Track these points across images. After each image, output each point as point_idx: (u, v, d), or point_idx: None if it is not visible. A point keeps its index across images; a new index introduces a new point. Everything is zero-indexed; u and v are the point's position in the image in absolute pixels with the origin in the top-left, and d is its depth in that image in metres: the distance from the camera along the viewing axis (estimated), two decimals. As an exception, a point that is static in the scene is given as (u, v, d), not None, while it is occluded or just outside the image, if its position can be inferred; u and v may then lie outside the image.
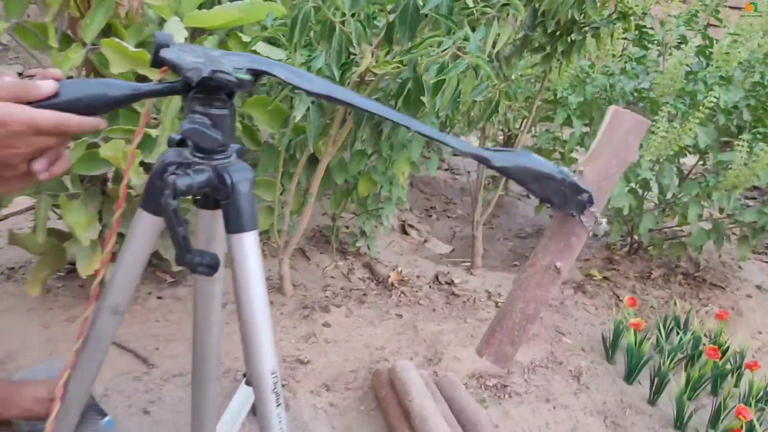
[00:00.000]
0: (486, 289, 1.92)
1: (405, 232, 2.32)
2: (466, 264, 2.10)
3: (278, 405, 0.83)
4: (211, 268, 0.78)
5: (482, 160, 0.80)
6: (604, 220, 0.88)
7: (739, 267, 2.26)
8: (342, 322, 1.65)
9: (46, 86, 0.68)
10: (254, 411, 1.29)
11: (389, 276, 1.87)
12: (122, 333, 1.45)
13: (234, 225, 0.77)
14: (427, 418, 1.24)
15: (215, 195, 0.77)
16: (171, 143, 0.80)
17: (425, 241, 2.32)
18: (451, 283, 1.93)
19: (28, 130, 0.67)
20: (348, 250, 1.98)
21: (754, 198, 2.71)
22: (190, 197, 0.77)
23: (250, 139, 1.57)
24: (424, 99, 1.13)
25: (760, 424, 1.38)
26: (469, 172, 2.85)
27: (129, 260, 0.81)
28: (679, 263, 2.20)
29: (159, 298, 1.61)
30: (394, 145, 1.67)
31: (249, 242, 0.78)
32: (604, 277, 2.09)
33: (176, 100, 1.36)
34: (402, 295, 1.81)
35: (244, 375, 1.34)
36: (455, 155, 3.01)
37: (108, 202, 1.46)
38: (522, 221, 2.59)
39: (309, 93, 0.74)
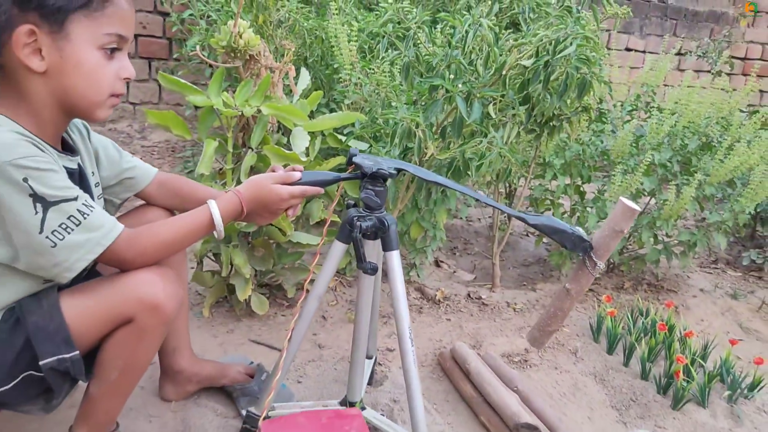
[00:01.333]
0: (505, 300, 2.54)
1: (438, 266, 2.95)
2: (488, 285, 2.73)
3: (412, 345, 1.45)
4: (374, 270, 1.42)
5: (522, 219, 1.36)
6: (602, 265, 1.35)
7: (688, 277, 2.90)
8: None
9: (297, 175, 1.35)
10: (369, 380, 1.88)
11: (436, 294, 2.50)
12: (267, 338, 2.05)
13: (388, 246, 1.42)
14: (482, 373, 1.84)
15: (377, 232, 1.42)
16: (349, 206, 1.46)
17: (454, 271, 2.94)
18: (479, 297, 2.55)
19: (290, 198, 1.33)
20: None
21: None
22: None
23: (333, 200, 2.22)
24: (470, 173, 1.80)
25: (696, 371, 1.99)
26: (479, 219, 3.51)
27: (328, 268, 1.44)
28: (644, 276, 2.83)
29: (283, 315, 2.22)
30: (437, 200, 2.33)
31: (395, 255, 1.42)
32: (590, 290, 2.71)
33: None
34: (447, 306, 2.44)
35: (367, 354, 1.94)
36: (468, 205, 3.66)
37: (250, 249, 2.09)
38: (525, 254, 3.23)
39: (426, 180, 1.40)
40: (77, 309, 1.13)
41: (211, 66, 2.77)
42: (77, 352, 1.12)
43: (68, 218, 1.05)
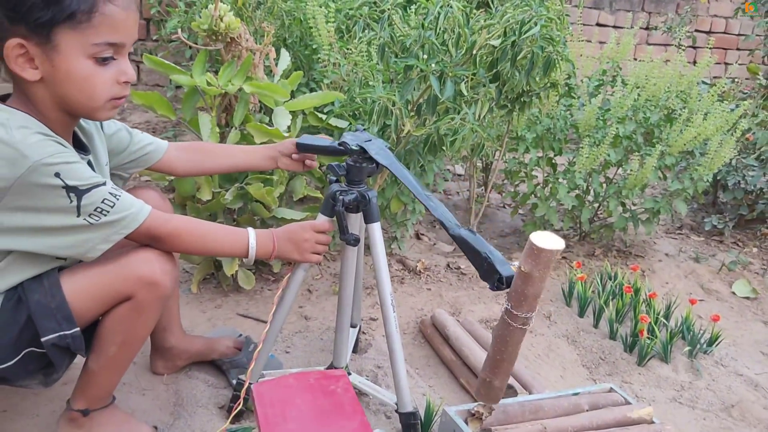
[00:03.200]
0: (482, 270, 2.62)
1: (419, 238, 3.01)
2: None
3: (393, 312, 1.51)
4: (356, 241, 1.46)
5: (443, 226, 1.19)
6: (528, 314, 1.12)
7: (654, 243, 3.00)
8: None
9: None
10: (354, 348, 1.94)
11: (417, 266, 2.56)
12: (254, 312, 2.09)
13: (369, 218, 1.46)
14: (460, 338, 1.91)
15: (359, 205, 1.46)
16: (331, 181, 1.50)
17: (434, 243, 3.01)
18: (458, 268, 2.62)
19: (315, 231, 1.42)
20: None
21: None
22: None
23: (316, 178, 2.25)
24: (444, 148, 1.84)
25: (659, 329, 2.09)
26: (458, 193, 3.57)
27: (314, 242, 1.48)
28: (614, 243, 2.92)
29: (269, 290, 2.26)
30: (415, 175, 2.38)
31: (376, 227, 1.46)
32: (563, 257, 2.80)
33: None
34: (428, 276, 2.50)
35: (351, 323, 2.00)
36: (445, 179, 3.72)
37: (236, 226, 2.12)
38: (502, 225, 3.30)
39: (378, 163, 1.43)
40: (78, 287, 1.17)
41: (191, 48, 2.76)
42: (78, 328, 1.15)
43: (102, 201, 1.11)
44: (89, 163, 1.25)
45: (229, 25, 1.88)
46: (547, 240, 1.07)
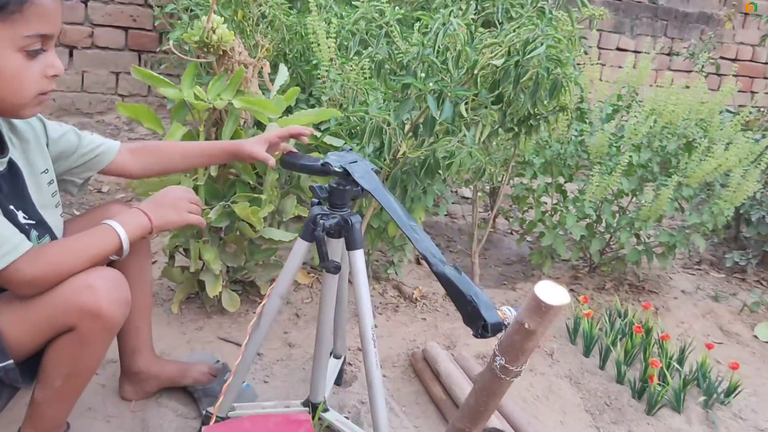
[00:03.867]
0: (483, 300, 2.50)
1: (419, 263, 2.91)
2: (468, 285, 2.68)
3: (374, 347, 1.41)
4: (337, 268, 1.38)
5: (426, 261, 1.10)
6: (515, 367, 1.01)
7: (670, 278, 2.86)
8: (384, 324, 2.22)
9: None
10: (337, 380, 1.84)
11: (413, 293, 2.45)
12: (236, 336, 2.00)
13: (351, 245, 1.37)
14: (451, 375, 1.80)
15: (341, 230, 1.37)
16: (313, 204, 1.41)
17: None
18: (457, 297, 2.51)
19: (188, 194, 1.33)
20: (381, 277, 2.56)
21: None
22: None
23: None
24: (440, 171, 1.75)
25: (671, 374, 1.95)
26: (464, 216, 3.46)
27: (291, 266, 1.40)
28: (626, 277, 2.79)
29: (254, 313, 2.17)
30: (414, 198, 2.28)
31: (359, 254, 1.37)
32: (570, 290, 2.67)
33: (271, 177, 1.97)
34: (424, 305, 2.39)
35: (330, 353, 1.90)
36: (455, 203, 3.62)
37: (222, 245, 2.04)
38: (507, 252, 3.18)
39: (363, 188, 1.33)
40: (13, 317, 1.09)
41: (184, 60, 2.72)
42: (10, 361, 1.08)
43: None
44: (9, 164, 1.17)
45: (221, 37, 1.81)
46: (552, 293, 0.97)
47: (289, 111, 2.01)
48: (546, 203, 2.75)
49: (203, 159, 1.56)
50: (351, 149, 1.41)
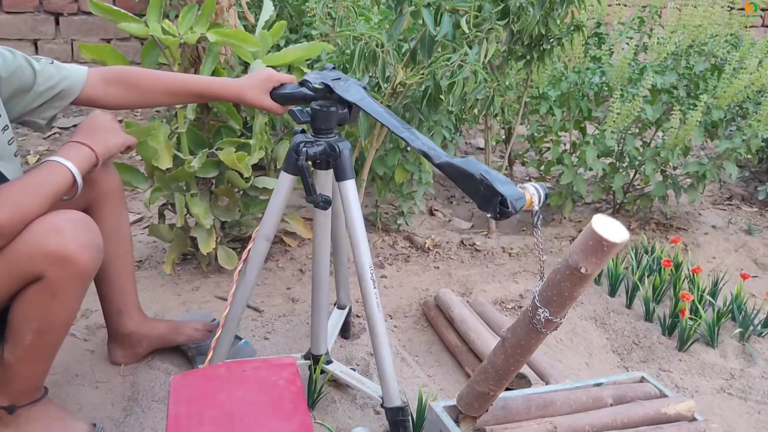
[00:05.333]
0: (501, 246, 2.35)
1: (432, 214, 2.76)
2: (483, 232, 2.53)
3: (374, 288, 1.27)
4: (327, 203, 1.23)
5: (426, 157, 1.01)
6: (556, 318, 0.89)
7: (699, 214, 2.67)
8: (395, 275, 2.09)
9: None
10: (342, 330, 1.72)
11: (425, 242, 2.31)
12: (237, 293, 1.89)
13: (341, 175, 1.23)
14: (466, 320, 1.67)
15: (329, 159, 1.22)
16: (296, 132, 1.26)
17: (449, 220, 2.75)
18: (473, 244, 2.36)
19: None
20: (391, 228, 2.42)
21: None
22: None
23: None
24: (442, 97, 1.58)
25: (704, 308, 1.79)
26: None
27: (275, 204, 1.26)
28: (652, 215, 2.61)
29: (257, 269, 2.05)
30: (419, 140, 2.12)
31: (350, 185, 1.23)
32: (593, 232, 2.51)
33: (260, 120, 1.82)
34: (437, 254, 2.25)
35: (334, 304, 1.77)
36: (468, 153, 3.45)
37: (214, 199, 1.90)
38: (524, 199, 3.02)
39: (350, 106, 1.18)
40: None
41: None
42: None
43: None
44: None
45: (191, -38, 1.65)
46: (610, 228, 0.83)
47: (277, 49, 1.85)
48: (565, 144, 2.57)
49: (190, 98, 1.39)
50: (334, 67, 1.25)
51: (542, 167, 2.63)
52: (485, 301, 1.85)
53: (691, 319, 1.71)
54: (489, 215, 0.93)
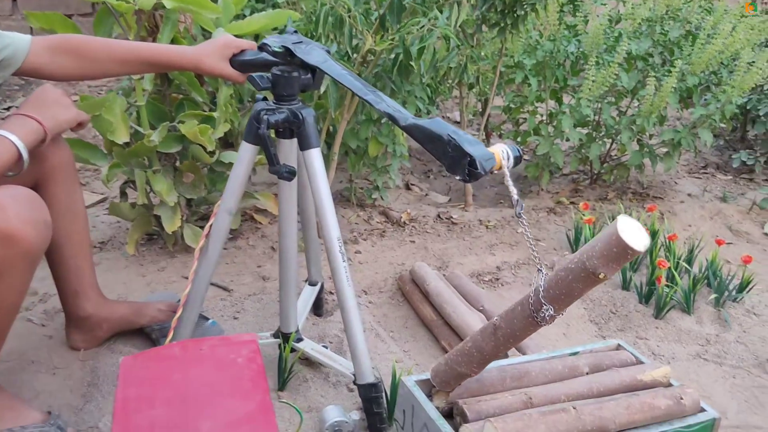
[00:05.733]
0: (478, 219, 2.31)
1: (409, 189, 2.71)
2: (461, 205, 2.49)
3: (343, 261, 1.22)
4: (291, 174, 1.17)
5: (392, 119, 0.95)
6: (550, 311, 0.86)
7: (675, 183, 2.66)
8: (369, 250, 2.04)
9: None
10: (314, 308, 1.67)
11: (401, 217, 2.26)
12: (206, 272, 1.83)
13: (305, 143, 1.17)
14: (442, 293, 1.63)
15: (291, 127, 1.16)
16: (258, 100, 1.20)
17: (426, 194, 2.70)
18: (450, 218, 2.33)
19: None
20: (365, 203, 2.36)
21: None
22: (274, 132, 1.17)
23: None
24: (413, 64, 1.52)
25: (680, 275, 1.78)
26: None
27: (237, 176, 1.20)
28: (629, 185, 2.60)
29: (225, 249, 1.97)
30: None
31: (315, 154, 1.17)
32: (571, 202, 2.48)
33: (225, 92, 1.74)
34: (413, 228, 2.21)
35: (306, 280, 1.72)
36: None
37: (179, 175, 1.83)
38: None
39: (306, 63, 1.12)
40: None
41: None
42: None
43: None
44: None
45: None
46: (634, 234, 0.79)
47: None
48: (542, 115, 2.53)
49: (143, 67, 1.30)
50: (296, 31, 1.18)
51: (519, 139, 2.59)
52: (461, 274, 1.81)
53: (667, 286, 1.69)
54: (458, 178, 0.89)
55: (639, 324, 1.69)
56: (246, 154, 1.18)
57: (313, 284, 1.61)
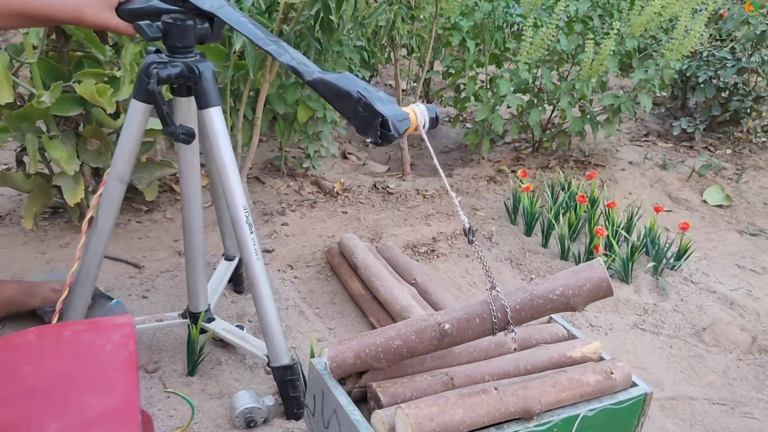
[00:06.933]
0: (415, 188, 2.23)
1: (345, 158, 2.60)
2: (399, 175, 2.40)
3: (251, 232, 1.11)
4: (189, 136, 1.05)
5: (296, 72, 0.86)
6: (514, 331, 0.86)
7: (617, 150, 2.64)
8: (298, 222, 1.93)
9: None
10: (234, 285, 1.56)
11: (334, 187, 2.16)
12: (112, 249, 1.67)
13: (203, 102, 1.04)
14: (370, 266, 1.54)
15: (187, 83, 1.03)
16: (149, 52, 1.06)
17: (364, 163, 2.60)
18: (387, 187, 2.23)
19: None
20: (297, 173, 2.25)
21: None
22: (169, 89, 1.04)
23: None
24: (333, 17, 1.40)
25: (618, 244, 1.74)
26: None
27: (127, 138, 1.06)
28: (571, 153, 2.55)
29: (138, 222, 1.84)
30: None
31: (215, 114, 1.05)
32: (512, 171, 2.42)
33: (131, 49, 1.58)
34: (346, 198, 2.10)
35: (224, 254, 1.60)
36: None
37: (82, 141, 1.66)
38: (445, 140, 2.90)
39: (201, 11, 0.99)
40: None
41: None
42: None
43: None
44: None
45: None
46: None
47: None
48: (482, 81, 2.45)
49: (17, 21, 1.12)
50: None
51: (458, 106, 2.51)
52: (394, 246, 1.73)
53: (605, 255, 1.65)
54: (369, 140, 0.80)
55: (575, 294, 1.64)
56: (136, 113, 1.05)
57: (230, 259, 1.50)
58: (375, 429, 0.82)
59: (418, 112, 0.84)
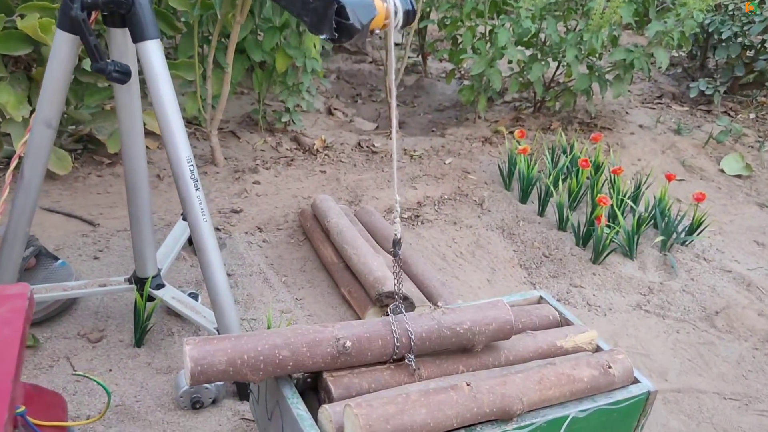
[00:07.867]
0: (403, 148, 2.09)
1: (331, 114, 2.46)
2: (387, 133, 2.26)
3: (197, 189, 0.99)
4: (124, 74, 0.91)
5: None
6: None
7: (627, 113, 2.49)
8: (271, 180, 1.80)
9: None
10: (190, 241, 1.44)
11: (314, 144, 2.02)
12: (67, 205, 1.56)
13: (138, 34, 0.90)
14: (343, 231, 1.41)
15: (119, 10, 0.89)
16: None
17: (351, 120, 2.46)
18: (372, 146, 2.09)
19: None
20: (276, 128, 2.11)
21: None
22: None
23: (167, 25, 1.64)
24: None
25: (624, 215, 1.61)
26: (400, 61, 2.97)
27: (53, 75, 0.92)
28: (576, 114, 2.41)
29: (99, 176, 1.72)
30: (281, 29, 1.78)
31: (153, 47, 0.91)
32: (510, 132, 2.28)
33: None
34: (326, 157, 1.97)
35: (182, 215, 1.48)
36: (382, 48, 3.12)
37: (35, 85, 1.53)
38: (440, 98, 2.75)
39: None
40: None
41: None
42: None
43: None
44: None
45: None
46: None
47: None
48: (481, 33, 2.29)
49: None
50: None
51: (454, 59, 2.35)
52: (373, 210, 1.60)
53: (608, 226, 1.53)
54: (324, 36, 0.68)
55: (574, 270, 1.52)
56: (62, 46, 0.91)
57: (185, 219, 1.37)
58: (322, 427, 0.71)
59: (390, 2, 0.72)
